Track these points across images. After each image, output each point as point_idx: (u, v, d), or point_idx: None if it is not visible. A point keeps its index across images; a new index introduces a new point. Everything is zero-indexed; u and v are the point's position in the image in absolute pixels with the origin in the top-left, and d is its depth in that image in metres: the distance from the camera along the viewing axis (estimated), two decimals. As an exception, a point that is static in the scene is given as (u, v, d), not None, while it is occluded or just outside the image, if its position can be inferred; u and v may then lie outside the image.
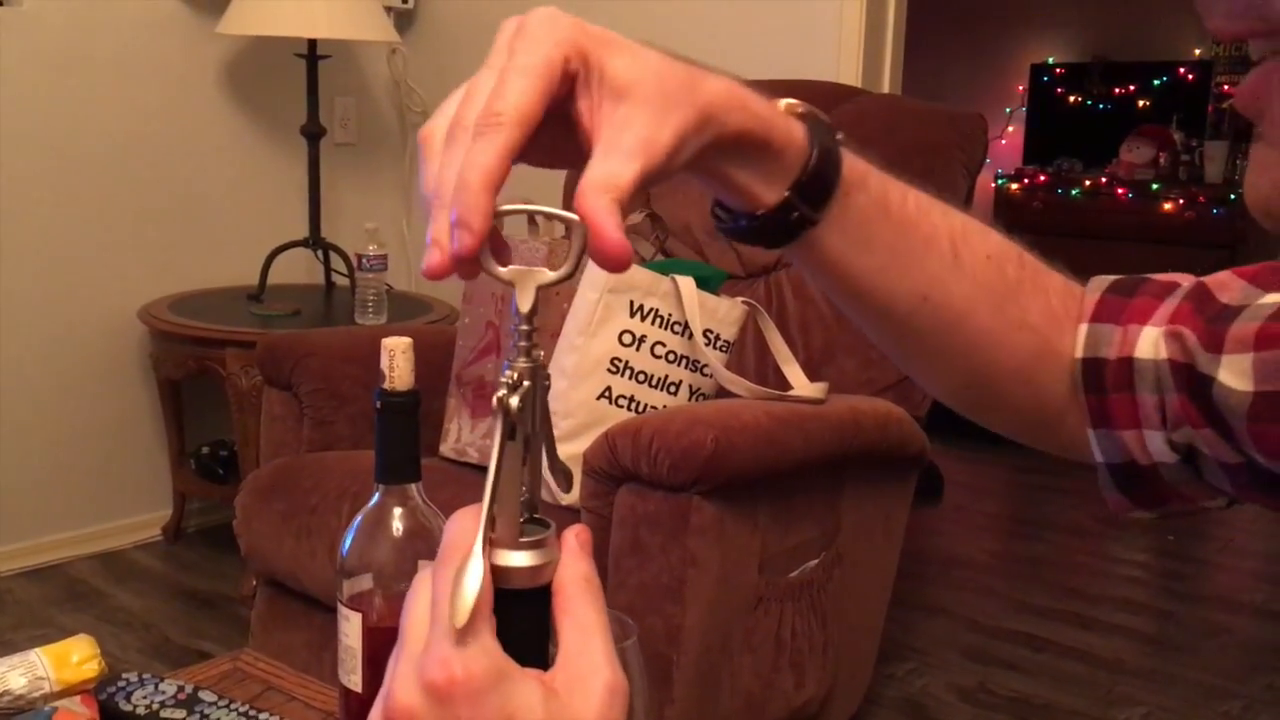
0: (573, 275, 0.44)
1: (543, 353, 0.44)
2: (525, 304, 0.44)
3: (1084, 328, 0.63)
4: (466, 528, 0.42)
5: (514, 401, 0.42)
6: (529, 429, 0.43)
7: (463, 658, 0.39)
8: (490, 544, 0.42)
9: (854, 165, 0.56)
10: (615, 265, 0.43)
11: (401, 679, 0.41)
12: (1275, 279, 0.59)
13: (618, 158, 0.44)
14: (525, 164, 0.46)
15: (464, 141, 0.43)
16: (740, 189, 0.54)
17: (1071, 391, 0.64)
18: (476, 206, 0.41)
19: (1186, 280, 0.63)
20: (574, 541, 0.44)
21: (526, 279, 0.44)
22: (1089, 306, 0.64)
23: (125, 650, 2.35)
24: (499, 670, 0.40)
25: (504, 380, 0.43)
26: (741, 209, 0.55)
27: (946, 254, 0.60)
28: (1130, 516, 0.66)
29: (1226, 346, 0.57)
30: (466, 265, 0.42)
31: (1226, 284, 0.60)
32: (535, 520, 0.44)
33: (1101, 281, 0.65)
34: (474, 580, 0.40)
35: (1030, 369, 0.64)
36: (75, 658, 0.87)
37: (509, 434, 0.43)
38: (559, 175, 0.53)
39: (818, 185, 0.54)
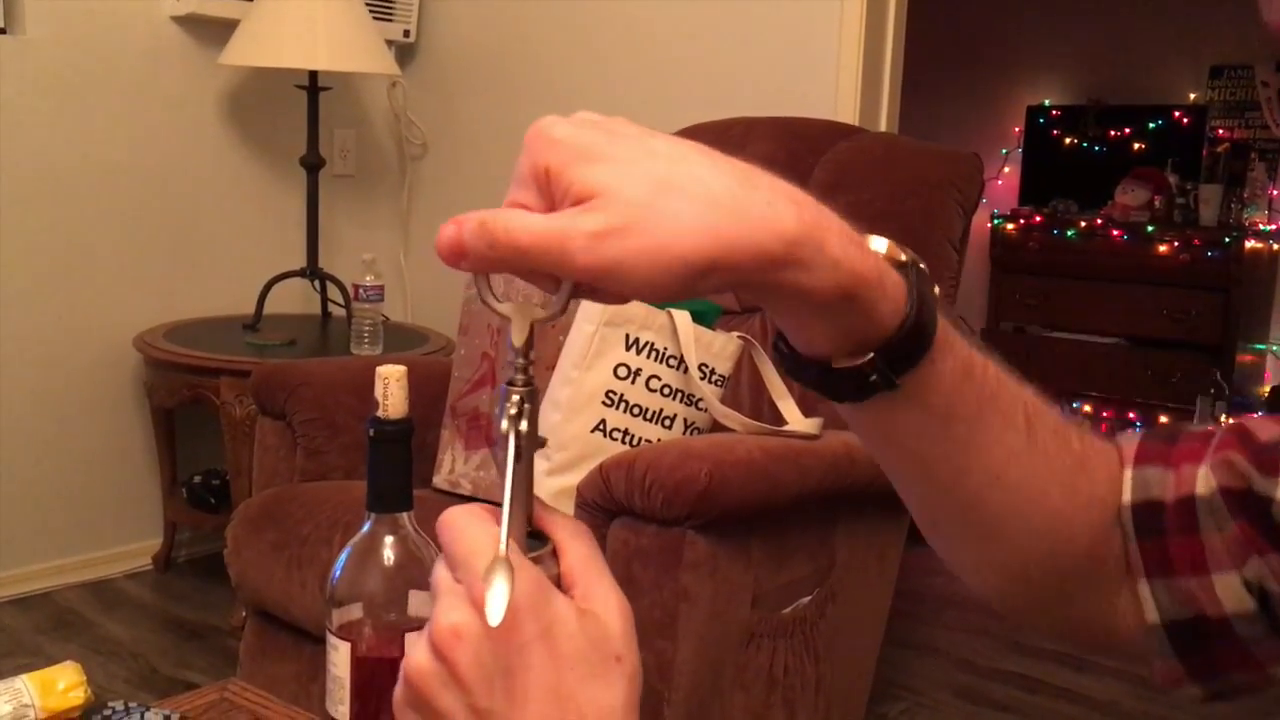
0: (563, 312, 0.46)
1: (535, 377, 0.47)
2: (519, 338, 0.46)
3: (1129, 472, 0.58)
4: (482, 534, 0.45)
5: (523, 426, 0.46)
6: (531, 450, 0.46)
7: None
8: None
9: (943, 326, 0.49)
10: (439, 253, 0.43)
11: (445, 606, 0.44)
12: None
13: (541, 218, 0.41)
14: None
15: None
16: (812, 339, 0.48)
17: (1119, 545, 0.58)
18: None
19: (1220, 427, 0.60)
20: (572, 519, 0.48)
21: (521, 314, 0.46)
22: (1129, 452, 0.59)
23: (112, 680, 2.33)
24: (537, 586, 0.44)
25: (509, 408, 0.46)
26: (810, 355, 0.49)
27: (1022, 429, 0.54)
28: (1179, 691, 0.59)
29: None
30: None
31: (1264, 425, 0.57)
32: (533, 535, 0.48)
33: (1134, 434, 0.61)
34: (503, 583, 0.43)
35: (1100, 547, 0.58)
36: (61, 685, 0.86)
37: (518, 457, 0.46)
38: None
39: (907, 351, 0.48)
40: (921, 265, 0.48)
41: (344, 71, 2.85)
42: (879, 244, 0.48)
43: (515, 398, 0.46)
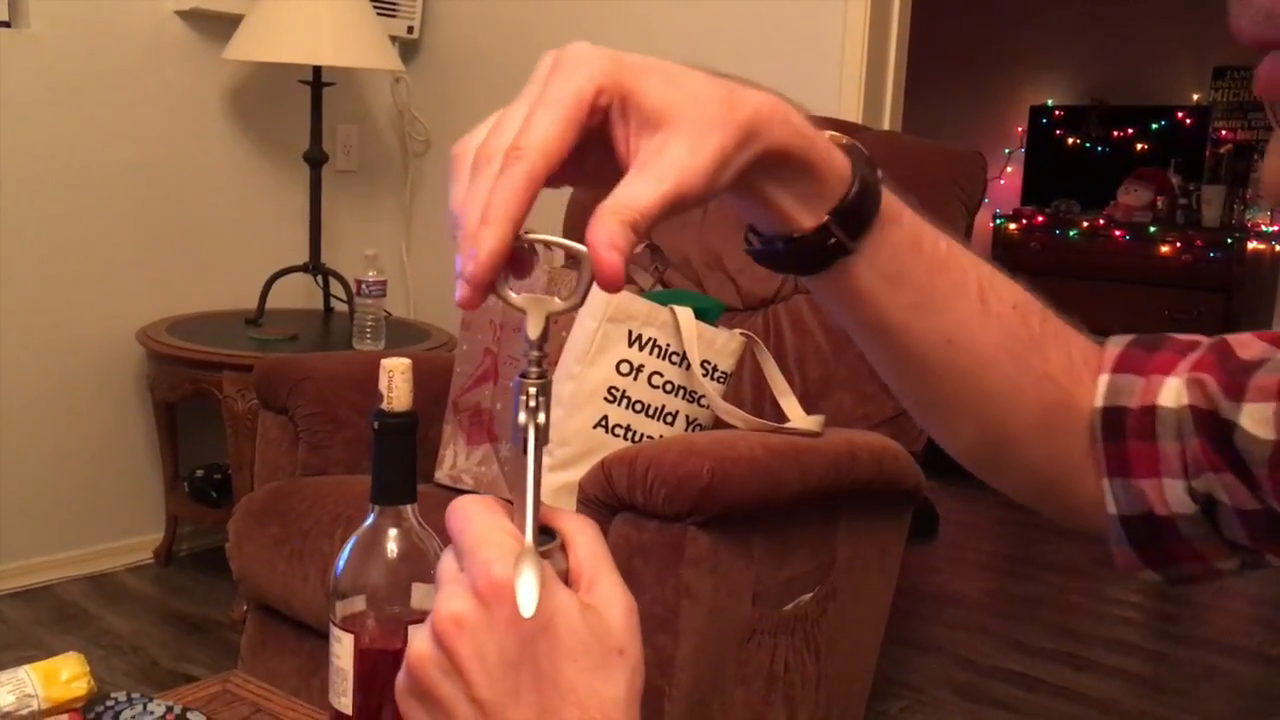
0: (581, 305, 0.47)
1: (549, 370, 0.46)
2: (535, 331, 0.46)
3: (1105, 378, 0.63)
4: (490, 524, 0.46)
5: (540, 419, 0.46)
6: (542, 442, 0.46)
7: (507, 565, 0.43)
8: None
9: (890, 200, 0.56)
10: (606, 284, 0.44)
11: (447, 594, 0.45)
12: None
13: (644, 182, 0.45)
14: (570, 186, 0.48)
15: (488, 172, 0.44)
16: (778, 210, 0.53)
17: (1087, 446, 0.63)
18: (492, 237, 0.43)
19: (1206, 339, 0.64)
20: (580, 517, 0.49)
21: (537, 307, 0.46)
22: (1110, 359, 0.64)
23: (113, 673, 2.33)
24: (540, 577, 0.43)
25: (526, 400, 0.46)
26: (777, 232, 0.55)
27: (974, 299, 0.60)
28: (1138, 576, 0.65)
29: (1249, 395, 0.57)
30: (478, 293, 0.44)
31: (1247, 343, 0.61)
32: (541, 530, 0.47)
33: (1122, 339, 0.65)
34: (532, 574, 0.43)
35: (1048, 422, 0.63)
36: (64, 675, 0.87)
37: (526, 450, 0.46)
38: (560, 195, 0.54)
39: (856, 214, 0.54)
40: (863, 150, 0.55)
41: (348, 67, 2.85)
42: (825, 134, 0.55)
43: (532, 389, 0.46)
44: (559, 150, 0.44)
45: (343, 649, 0.78)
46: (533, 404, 0.46)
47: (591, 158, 0.46)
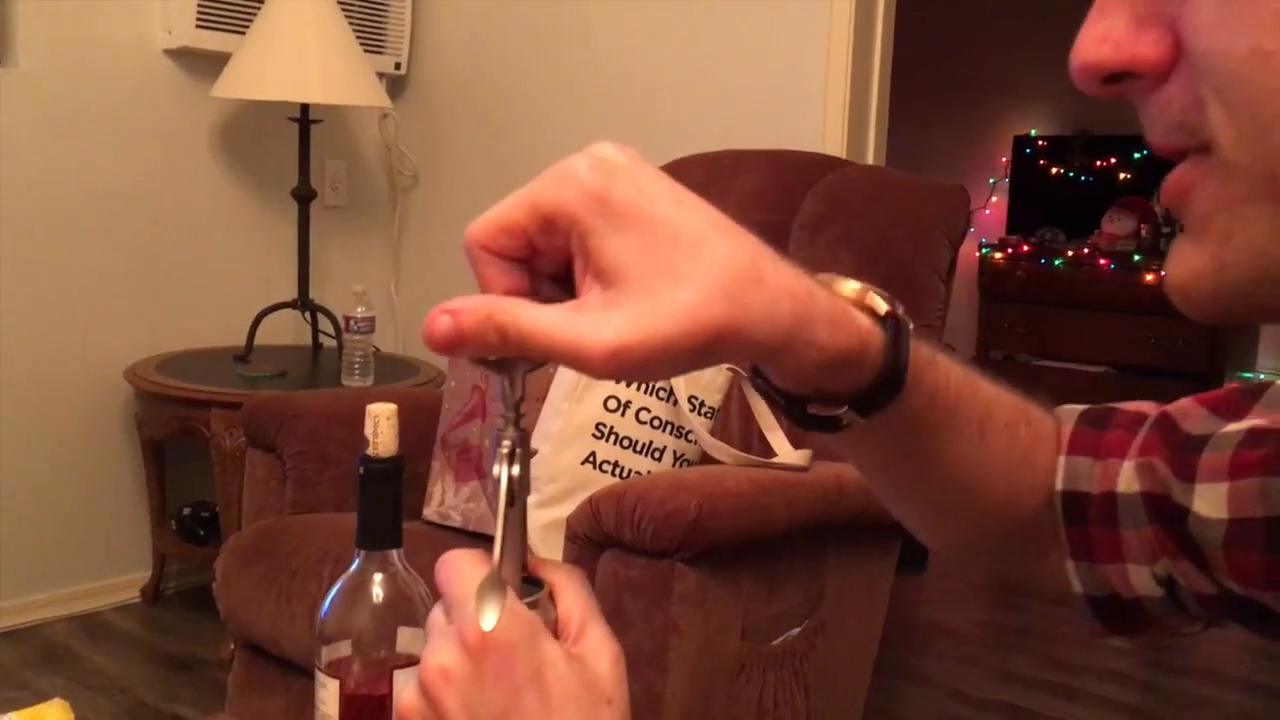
0: (550, 362, 0.46)
1: (527, 424, 0.47)
2: (515, 391, 0.47)
3: (1062, 459, 0.63)
4: (478, 577, 0.45)
5: (515, 471, 0.46)
6: (524, 496, 0.47)
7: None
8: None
9: (913, 364, 0.51)
10: (425, 340, 0.43)
11: (435, 647, 0.45)
12: (1233, 408, 0.60)
13: (552, 317, 0.42)
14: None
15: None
16: (787, 378, 0.50)
17: (1048, 517, 0.63)
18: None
19: (1151, 409, 0.64)
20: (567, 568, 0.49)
21: (513, 366, 0.46)
22: (1064, 439, 0.64)
23: (100, 714, 2.31)
24: (528, 629, 0.44)
25: (502, 452, 0.46)
26: (783, 387, 0.51)
27: (975, 436, 0.58)
28: (1103, 638, 0.66)
29: (1200, 476, 0.57)
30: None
31: (1189, 412, 0.61)
32: (528, 580, 0.48)
33: (1071, 412, 0.65)
34: (495, 594, 0.44)
35: (1034, 520, 0.64)
36: (49, 723, 0.86)
37: (510, 501, 0.46)
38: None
39: (876, 400, 0.50)
40: (898, 311, 0.50)
41: (335, 104, 2.87)
42: (851, 288, 0.51)
43: (506, 442, 0.46)
44: (487, 243, 0.44)
45: (328, 694, 0.78)
46: (505, 452, 0.46)
47: (545, 291, 0.45)
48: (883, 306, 0.50)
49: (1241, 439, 0.57)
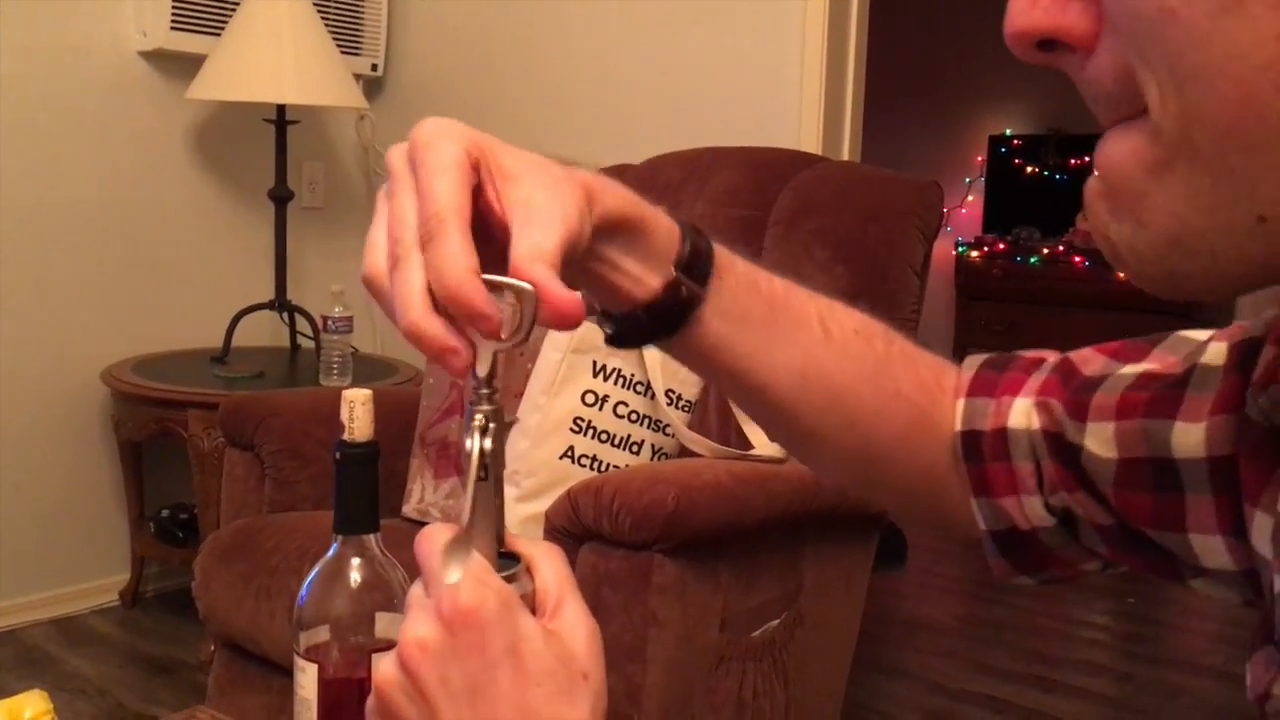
0: (526, 340, 0.47)
1: (500, 400, 0.48)
2: (483, 369, 0.47)
3: (961, 402, 0.66)
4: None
5: (487, 444, 0.46)
6: (498, 469, 0.47)
7: (472, 591, 0.44)
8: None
9: (721, 251, 0.59)
10: (571, 322, 0.45)
11: (412, 620, 0.45)
12: (1133, 354, 0.62)
13: (538, 230, 0.47)
14: None
15: (411, 260, 0.45)
16: (628, 275, 0.55)
17: (952, 463, 0.66)
18: (478, 296, 0.44)
19: (1053, 356, 0.66)
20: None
21: (484, 346, 0.46)
22: (965, 382, 0.67)
23: (79, 717, 2.30)
24: (505, 603, 0.45)
25: (475, 426, 0.47)
26: (630, 303, 0.56)
27: (817, 330, 0.62)
28: (1013, 582, 0.68)
29: (1090, 415, 0.60)
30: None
31: (1089, 359, 0.64)
32: (505, 555, 0.48)
33: (976, 360, 0.69)
34: (460, 557, 0.45)
35: (909, 439, 0.66)
36: (28, 714, 0.87)
37: (483, 475, 0.46)
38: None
39: (696, 264, 0.57)
40: (681, 216, 0.58)
41: (312, 105, 2.87)
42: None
43: (479, 417, 0.47)
44: (468, 206, 0.46)
45: (306, 679, 0.79)
46: (479, 426, 0.47)
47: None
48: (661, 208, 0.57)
49: (1132, 381, 0.59)
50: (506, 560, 0.48)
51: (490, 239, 0.47)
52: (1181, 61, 0.35)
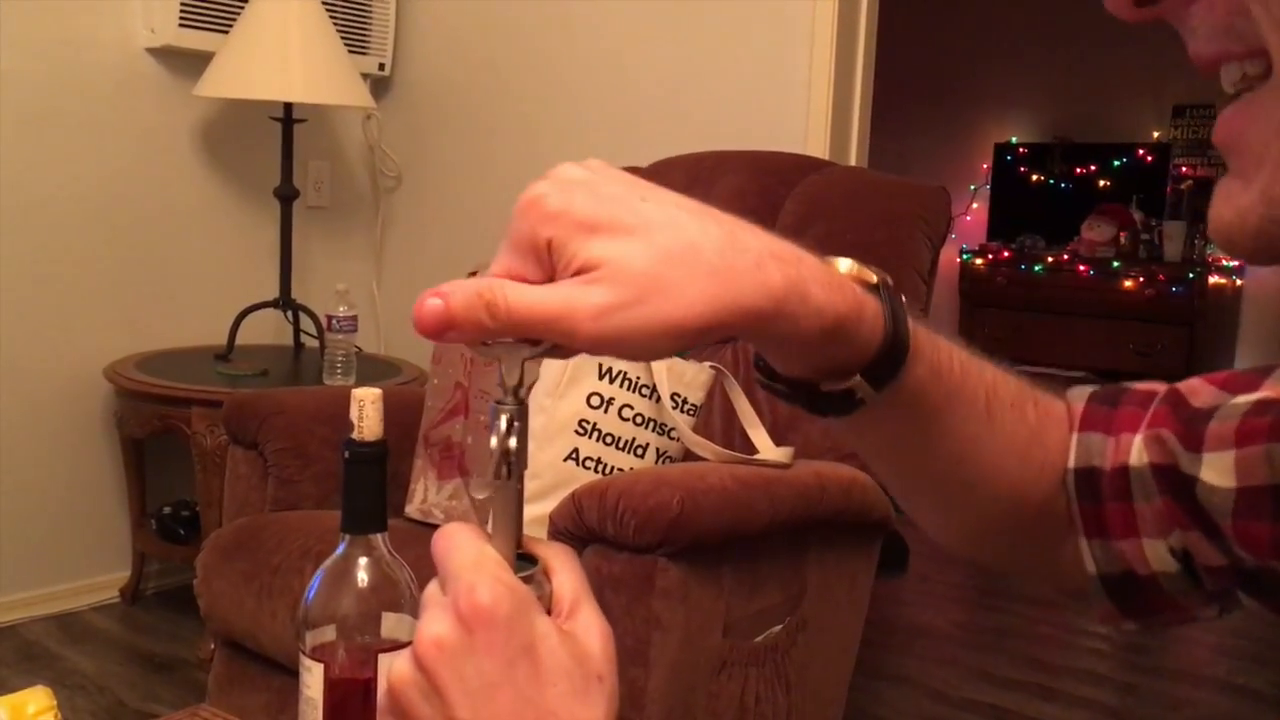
0: (553, 348, 0.46)
1: (525, 401, 0.47)
2: (512, 378, 0.47)
3: (1075, 437, 0.63)
4: (474, 550, 0.46)
5: (512, 443, 0.46)
6: (520, 470, 0.47)
7: (490, 590, 0.44)
8: None
9: (914, 334, 0.52)
10: (416, 326, 0.44)
11: (429, 618, 0.45)
12: (1243, 384, 0.60)
13: (542, 291, 0.44)
14: None
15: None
16: (793, 367, 0.51)
17: (1062, 500, 0.63)
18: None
19: (1161, 387, 0.64)
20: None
21: (513, 354, 0.46)
22: (1076, 416, 0.64)
23: (79, 714, 2.30)
24: (521, 603, 0.45)
25: (499, 426, 0.46)
26: (789, 376, 0.52)
27: (982, 414, 0.58)
28: (1118, 626, 0.65)
29: (1207, 445, 0.57)
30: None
31: (1198, 390, 0.61)
32: (523, 557, 0.48)
33: (1082, 392, 0.65)
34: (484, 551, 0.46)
35: (1045, 503, 0.63)
36: (32, 709, 0.86)
37: (505, 474, 0.46)
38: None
39: (886, 370, 0.51)
40: (889, 281, 0.51)
41: (319, 104, 2.86)
42: (844, 265, 0.51)
43: (504, 417, 0.46)
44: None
45: (312, 679, 0.78)
46: (504, 427, 0.46)
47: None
48: (873, 276, 0.51)
49: (1249, 409, 0.57)
50: (524, 562, 0.48)
51: None
52: None
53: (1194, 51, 0.40)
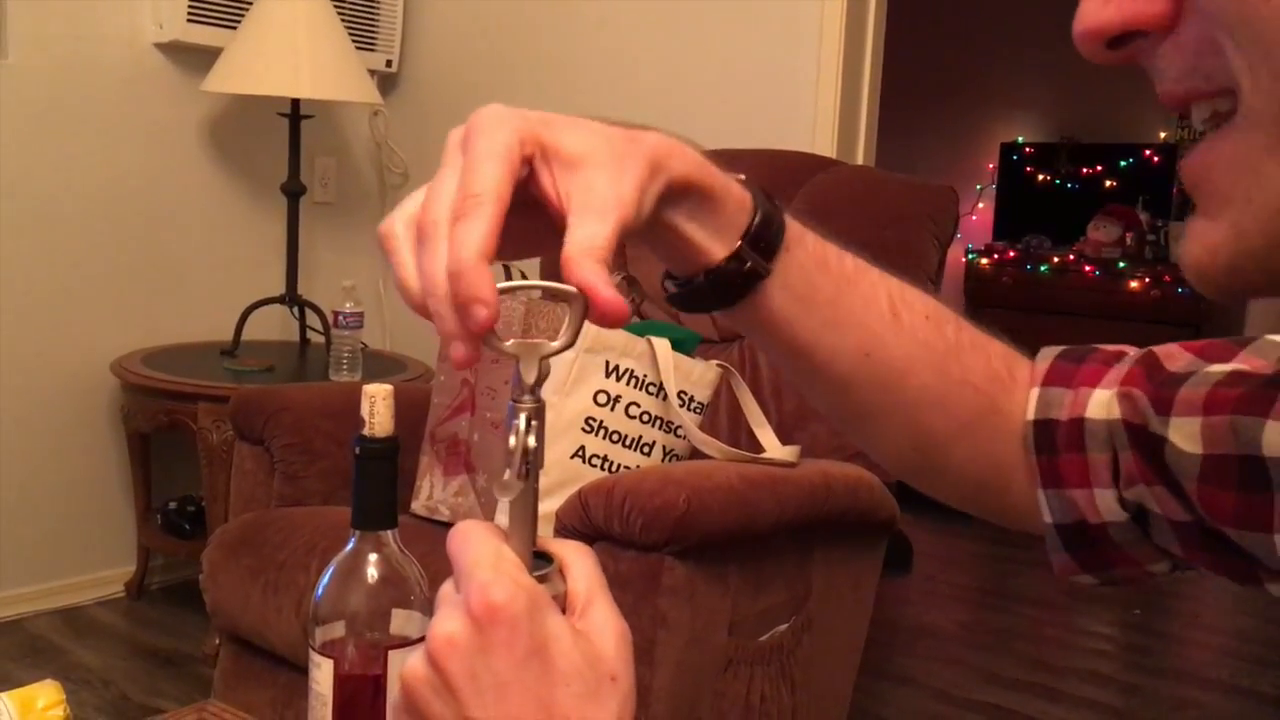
0: (574, 344, 0.47)
1: (543, 400, 0.47)
2: (530, 376, 0.47)
3: (1035, 391, 0.65)
4: (487, 548, 0.47)
5: (530, 442, 0.46)
6: (538, 467, 0.47)
7: (503, 588, 0.44)
8: None
9: (793, 224, 0.58)
10: (615, 322, 0.45)
11: (442, 616, 0.45)
12: (1220, 353, 0.61)
13: (592, 220, 0.46)
14: (499, 260, 0.47)
15: (440, 235, 0.45)
16: (691, 244, 0.55)
17: (1020, 454, 0.65)
18: (480, 282, 0.44)
19: (1134, 350, 0.65)
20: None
21: (530, 352, 0.46)
22: (1040, 372, 0.66)
23: (83, 708, 2.30)
24: (535, 602, 0.45)
25: (518, 424, 0.46)
26: (693, 269, 0.56)
27: (885, 312, 0.61)
28: (1075, 580, 0.66)
29: (1176, 409, 0.58)
30: (477, 346, 0.45)
31: (1174, 354, 0.62)
32: (537, 555, 0.48)
33: (1051, 351, 0.67)
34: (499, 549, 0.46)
35: (974, 428, 0.65)
36: (41, 703, 0.87)
37: (524, 474, 0.46)
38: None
39: (765, 237, 0.56)
40: (756, 182, 0.57)
41: (326, 100, 2.86)
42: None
43: (522, 415, 0.46)
44: (507, 194, 0.45)
45: (322, 675, 0.78)
46: (522, 426, 0.46)
47: (515, 222, 0.46)
48: (741, 176, 0.56)
49: (1222, 378, 0.58)
50: (540, 560, 0.48)
51: (548, 233, 0.48)
52: (1273, 43, 0.35)
53: (1163, 92, 0.40)
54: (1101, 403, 0.62)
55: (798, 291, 0.58)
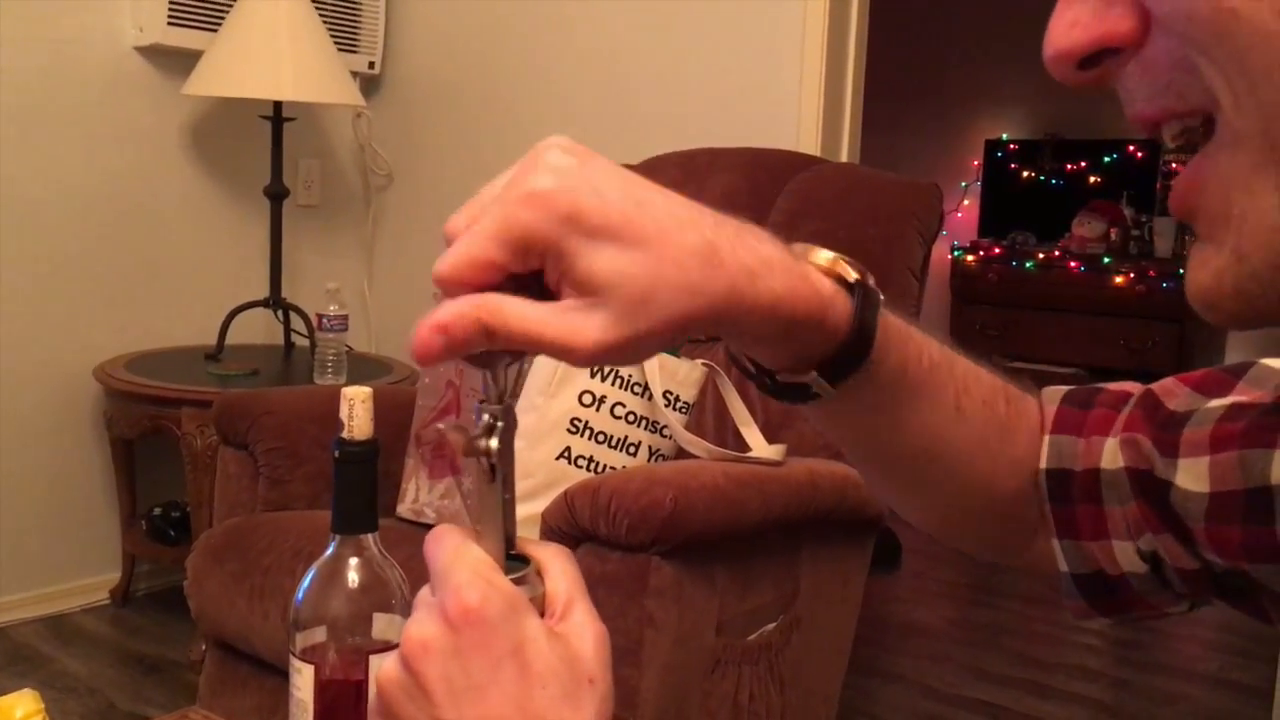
0: (535, 355, 0.46)
1: (511, 402, 0.47)
2: (499, 383, 0.46)
3: (1047, 439, 0.63)
4: (463, 551, 0.46)
5: (493, 444, 0.45)
6: (506, 469, 0.46)
7: (477, 591, 0.44)
8: None
9: (882, 333, 0.52)
10: (414, 356, 0.44)
11: (417, 619, 0.45)
12: (1217, 385, 0.60)
13: (541, 314, 0.43)
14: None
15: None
16: (760, 356, 0.52)
17: (1034, 499, 0.64)
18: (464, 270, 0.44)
19: (1135, 389, 0.64)
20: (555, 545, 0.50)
21: (495, 360, 0.46)
22: (1049, 418, 0.64)
23: (69, 716, 2.29)
24: (510, 604, 0.44)
25: (482, 426, 0.46)
26: (753, 363, 0.54)
27: (950, 408, 0.59)
28: (1088, 622, 0.66)
29: (1182, 451, 0.57)
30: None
31: (1172, 391, 0.62)
32: (514, 557, 0.47)
33: (1056, 392, 0.66)
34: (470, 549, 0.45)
35: (1013, 499, 0.64)
36: (19, 713, 0.85)
37: (489, 477, 0.46)
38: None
39: (845, 364, 0.51)
40: (868, 282, 0.51)
41: (309, 102, 2.85)
42: (823, 258, 0.51)
43: (486, 417, 0.46)
44: (462, 278, 0.44)
45: (303, 680, 0.78)
46: (486, 427, 0.46)
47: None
48: (852, 274, 0.51)
49: (1223, 413, 0.57)
50: (517, 562, 0.47)
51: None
52: (1250, 61, 0.34)
53: (1134, 114, 0.40)
54: (1111, 452, 0.61)
55: (866, 403, 0.55)
